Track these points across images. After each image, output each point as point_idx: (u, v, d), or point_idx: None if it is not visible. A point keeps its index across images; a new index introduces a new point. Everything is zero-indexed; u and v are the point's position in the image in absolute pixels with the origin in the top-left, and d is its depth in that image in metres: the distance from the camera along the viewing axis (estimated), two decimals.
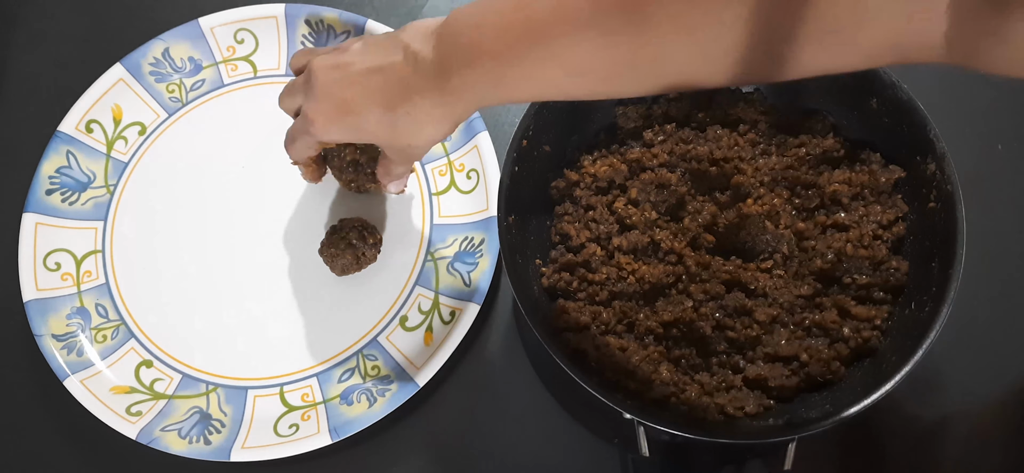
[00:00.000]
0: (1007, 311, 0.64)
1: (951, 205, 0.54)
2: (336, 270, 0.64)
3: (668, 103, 0.65)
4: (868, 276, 0.58)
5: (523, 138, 0.59)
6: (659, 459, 0.54)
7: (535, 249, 0.62)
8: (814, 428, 0.50)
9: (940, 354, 0.62)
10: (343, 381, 0.64)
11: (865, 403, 0.49)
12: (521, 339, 0.65)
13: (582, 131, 0.64)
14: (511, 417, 0.63)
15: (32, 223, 0.67)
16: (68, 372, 0.63)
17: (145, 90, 0.73)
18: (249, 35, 0.75)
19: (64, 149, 0.70)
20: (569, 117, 0.62)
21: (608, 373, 0.57)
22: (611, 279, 0.59)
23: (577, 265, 0.60)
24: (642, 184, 0.62)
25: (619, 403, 0.52)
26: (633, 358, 0.56)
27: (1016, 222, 0.66)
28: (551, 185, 0.63)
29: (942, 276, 0.53)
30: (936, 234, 0.55)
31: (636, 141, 0.64)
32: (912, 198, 0.59)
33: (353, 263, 0.63)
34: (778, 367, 0.56)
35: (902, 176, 0.59)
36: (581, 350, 0.57)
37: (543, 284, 0.61)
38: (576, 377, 0.52)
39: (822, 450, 0.60)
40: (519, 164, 0.59)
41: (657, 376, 0.56)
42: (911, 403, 0.61)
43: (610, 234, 0.61)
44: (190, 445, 0.60)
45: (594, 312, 0.58)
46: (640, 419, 0.52)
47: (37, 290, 0.65)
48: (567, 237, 0.62)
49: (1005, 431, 0.60)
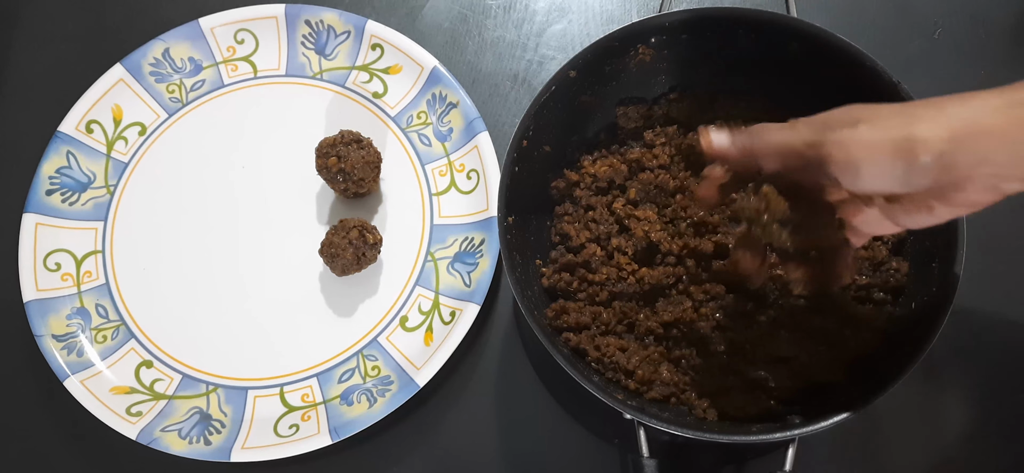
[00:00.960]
0: (1007, 311, 0.64)
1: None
2: (336, 270, 0.64)
3: (669, 104, 0.65)
4: (868, 277, 0.58)
5: (523, 138, 0.59)
6: (659, 460, 0.54)
7: (535, 249, 0.62)
8: (813, 429, 0.50)
9: (940, 354, 0.62)
10: (343, 381, 0.64)
11: (865, 405, 0.49)
12: (521, 339, 0.65)
13: (582, 131, 0.64)
14: (511, 417, 0.63)
15: (32, 223, 0.67)
16: (68, 372, 0.63)
17: (145, 90, 0.73)
18: (249, 35, 0.75)
19: (64, 149, 0.70)
20: (569, 117, 0.62)
21: (608, 373, 0.57)
22: (611, 279, 0.59)
23: (577, 265, 0.60)
24: (641, 184, 0.62)
25: (619, 403, 0.52)
26: (633, 358, 0.56)
27: (1016, 222, 0.66)
28: (551, 185, 0.63)
29: (943, 278, 0.53)
30: (937, 235, 0.55)
31: (637, 141, 0.64)
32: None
33: (353, 263, 0.63)
34: (778, 368, 0.56)
35: None
36: (581, 350, 0.57)
37: (543, 284, 0.61)
38: (576, 377, 0.52)
39: (822, 451, 0.60)
40: (519, 164, 0.59)
41: (657, 376, 0.56)
42: (911, 403, 0.61)
43: (610, 234, 0.61)
44: (190, 445, 0.60)
45: (594, 312, 0.59)
46: (640, 419, 0.52)
47: (37, 290, 0.65)
48: (567, 237, 0.62)
49: (1005, 431, 0.60)
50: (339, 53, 0.74)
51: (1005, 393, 0.61)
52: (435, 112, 0.71)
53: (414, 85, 0.72)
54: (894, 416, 0.61)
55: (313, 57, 0.74)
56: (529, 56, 0.75)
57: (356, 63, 0.74)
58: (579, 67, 0.60)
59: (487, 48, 0.76)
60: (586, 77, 0.61)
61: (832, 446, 0.60)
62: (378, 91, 0.73)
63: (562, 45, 0.75)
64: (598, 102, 0.64)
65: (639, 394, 0.56)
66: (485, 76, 0.74)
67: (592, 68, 0.61)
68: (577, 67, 0.60)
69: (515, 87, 0.74)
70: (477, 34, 0.76)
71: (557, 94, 0.60)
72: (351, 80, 0.73)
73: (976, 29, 0.73)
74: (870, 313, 0.56)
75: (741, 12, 0.60)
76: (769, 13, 0.60)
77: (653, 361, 0.57)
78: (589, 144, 0.65)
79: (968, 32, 0.73)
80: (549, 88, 0.59)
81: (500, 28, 0.76)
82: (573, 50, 0.62)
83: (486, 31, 0.76)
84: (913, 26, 0.74)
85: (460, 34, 0.76)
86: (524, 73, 0.74)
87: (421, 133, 0.71)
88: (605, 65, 0.62)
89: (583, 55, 0.60)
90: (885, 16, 0.74)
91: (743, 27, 0.60)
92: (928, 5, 0.75)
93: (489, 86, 0.74)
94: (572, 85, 0.60)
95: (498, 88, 0.74)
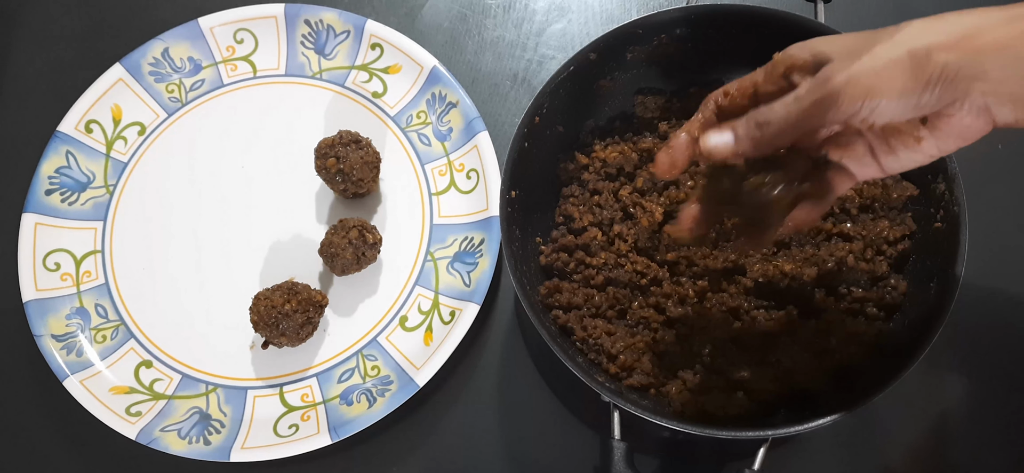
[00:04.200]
0: (1007, 311, 0.64)
1: (956, 227, 0.53)
2: (336, 270, 0.64)
3: (688, 97, 0.64)
4: (864, 290, 0.57)
5: (536, 114, 0.59)
6: (630, 443, 0.53)
7: (536, 227, 0.61)
8: (786, 432, 0.50)
9: (940, 354, 0.62)
10: (343, 381, 0.64)
11: (837, 416, 0.49)
12: (523, 339, 0.65)
13: (597, 115, 0.64)
14: (511, 417, 0.63)
15: (32, 223, 0.67)
16: (68, 372, 0.63)
17: (145, 90, 0.73)
18: (249, 35, 0.75)
19: (64, 149, 0.70)
20: (585, 100, 0.62)
21: (591, 355, 0.57)
22: (609, 264, 0.60)
23: (576, 247, 0.61)
24: (651, 174, 0.62)
25: (598, 385, 0.52)
26: (618, 344, 0.57)
27: (1016, 221, 0.66)
28: (560, 166, 0.63)
29: (938, 300, 0.52)
30: (938, 255, 0.54)
31: (651, 132, 0.64)
32: (920, 218, 0.58)
33: (353, 263, 0.63)
34: (762, 371, 0.55)
35: (915, 194, 0.58)
36: (568, 329, 0.57)
37: (540, 262, 0.61)
38: (559, 354, 0.52)
39: (822, 450, 0.60)
40: (529, 140, 0.58)
41: (639, 364, 0.56)
42: (910, 403, 0.61)
43: (613, 220, 0.61)
44: (190, 445, 0.60)
45: (587, 294, 0.59)
46: (617, 403, 0.52)
47: (37, 290, 0.65)
48: (570, 218, 0.62)
49: (1005, 431, 0.60)
50: (339, 53, 0.74)
51: (1005, 393, 0.61)
52: (435, 112, 0.71)
53: (414, 85, 0.72)
54: (894, 416, 0.61)
55: (313, 57, 0.74)
56: (529, 56, 0.75)
57: (356, 63, 0.74)
58: (601, 50, 0.60)
59: (487, 48, 0.75)
60: (606, 61, 0.61)
61: (833, 444, 0.60)
62: (378, 91, 0.73)
63: (562, 45, 0.75)
64: (616, 88, 0.63)
65: (619, 378, 0.56)
66: (485, 76, 0.74)
67: (614, 53, 0.61)
68: (598, 50, 0.60)
69: (515, 87, 0.74)
70: (477, 34, 0.76)
71: (575, 75, 0.60)
72: (351, 80, 0.73)
73: None
74: (861, 327, 0.56)
75: (770, 13, 0.59)
76: (797, 17, 0.59)
77: (637, 349, 0.57)
78: (603, 130, 0.64)
79: None
80: (568, 68, 0.59)
81: (500, 28, 0.76)
82: (573, 49, 0.62)
83: (486, 31, 0.76)
84: None
85: (460, 34, 0.76)
86: (524, 73, 0.74)
87: (421, 133, 0.71)
88: (627, 52, 0.61)
89: (605, 39, 0.60)
90: (885, 16, 0.74)
91: (769, 28, 0.59)
92: (928, 5, 0.75)
93: (489, 86, 0.74)
94: (591, 68, 0.60)
95: (498, 88, 0.74)
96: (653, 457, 0.59)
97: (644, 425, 0.52)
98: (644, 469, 0.53)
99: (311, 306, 0.61)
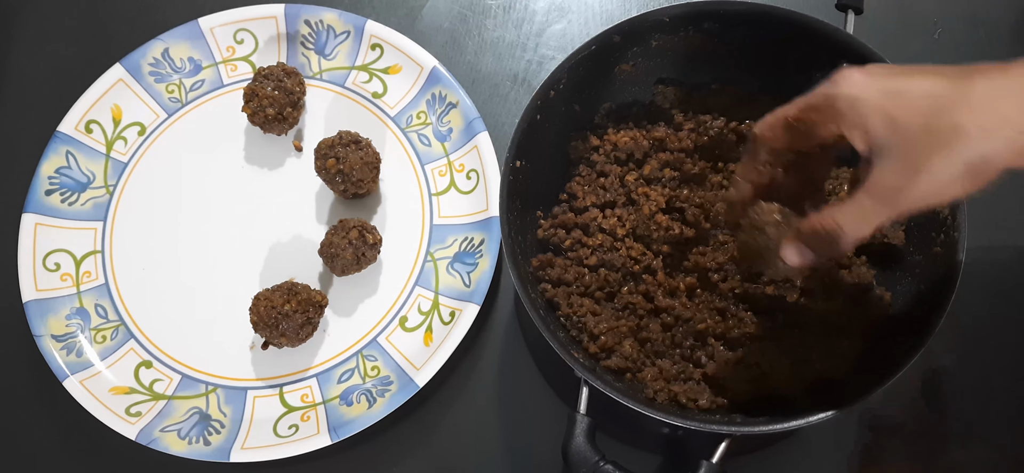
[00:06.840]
0: (1007, 311, 0.64)
1: (953, 252, 0.52)
2: (336, 270, 0.64)
3: (710, 93, 0.64)
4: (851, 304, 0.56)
5: (552, 88, 0.59)
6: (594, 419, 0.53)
7: (538, 201, 0.61)
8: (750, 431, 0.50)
9: (940, 354, 0.62)
10: (343, 382, 0.64)
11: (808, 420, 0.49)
12: (523, 339, 0.65)
13: (614, 98, 0.64)
14: (511, 417, 0.63)
15: (31, 223, 0.67)
16: (67, 373, 0.63)
17: (145, 90, 0.73)
18: (249, 35, 0.75)
19: (63, 149, 0.70)
20: (604, 81, 0.62)
21: (573, 332, 0.57)
22: (604, 246, 0.60)
23: (575, 225, 0.61)
24: (660, 163, 0.62)
25: (573, 360, 0.52)
26: (602, 324, 0.57)
27: (1016, 222, 0.66)
28: (571, 144, 0.63)
29: (923, 322, 0.51)
30: (931, 279, 0.54)
31: (667, 123, 0.64)
32: (921, 242, 0.56)
33: (353, 263, 0.63)
34: (738, 371, 0.55)
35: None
36: (554, 303, 0.58)
37: (537, 235, 0.61)
38: (540, 326, 0.52)
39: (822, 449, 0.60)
40: (541, 113, 0.58)
41: (619, 348, 0.56)
42: (909, 402, 0.61)
43: (615, 203, 0.61)
44: (190, 446, 0.60)
45: (578, 273, 0.59)
46: (589, 380, 0.51)
47: (37, 290, 0.65)
48: (574, 197, 0.62)
49: (1005, 431, 0.60)
50: (339, 53, 0.74)
51: (1004, 392, 0.61)
52: (435, 112, 0.71)
53: (414, 85, 0.72)
54: (894, 415, 0.61)
55: (313, 57, 0.74)
56: (529, 56, 0.75)
57: (356, 63, 0.74)
58: (625, 34, 0.60)
59: (487, 48, 0.76)
60: (630, 46, 0.61)
61: (832, 443, 0.60)
62: (378, 91, 0.73)
63: (562, 45, 0.75)
64: (637, 74, 0.63)
65: (596, 358, 0.56)
66: (485, 76, 0.74)
67: (638, 39, 0.60)
68: (623, 33, 0.59)
69: (515, 87, 0.74)
70: (477, 34, 0.76)
71: (597, 54, 0.59)
72: (351, 80, 0.73)
73: (976, 29, 0.73)
74: (845, 348, 0.55)
75: (801, 20, 0.59)
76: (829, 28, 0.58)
77: (620, 333, 0.57)
78: (618, 114, 0.64)
79: (968, 32, 0.73)
80: (589, 46, 0.59)
81: (500, 28, 0.76)
82: (573, 50, 0.62)
83: (486, 31, 0.76)
84: (913, 26, 0.74)
85: (460, 34, 0.76)
86: (524, 73, 0.74)
87: (421, 133, 0.71)
88: (652, 40, 0.61)
89: (631, 23, 0.60)
90: (885, 16, 0.74)
91: (797, 33, 0.58)
92: (928, 5, 0.75)
93: (489, 86, 0.74)
94: (614, 50, 0.60)
95: (498, 88, 0.74)
96: (617, 441, 0.59)
97: (615, 408, 0.51)
98: (606, 449, 0.52)
99: (311, 306, 0.61)
